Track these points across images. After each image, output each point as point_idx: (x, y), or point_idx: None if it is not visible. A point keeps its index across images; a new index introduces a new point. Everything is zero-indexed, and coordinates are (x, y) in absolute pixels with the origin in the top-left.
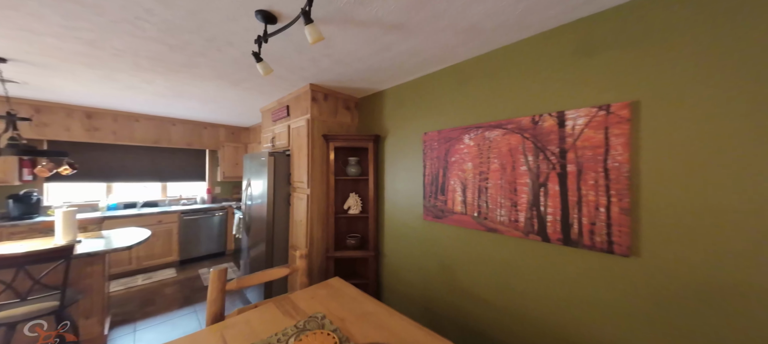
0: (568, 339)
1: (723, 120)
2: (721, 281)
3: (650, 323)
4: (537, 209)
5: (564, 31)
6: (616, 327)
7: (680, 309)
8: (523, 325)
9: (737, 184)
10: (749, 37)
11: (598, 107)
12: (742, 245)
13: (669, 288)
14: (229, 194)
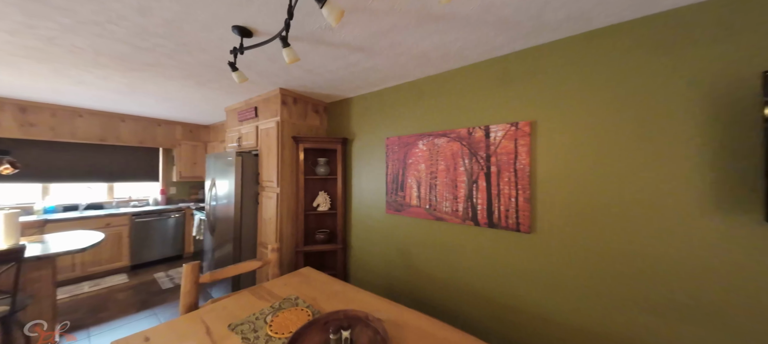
0: (493, 296)
1: (590, 138)
2: (586, 246)
3: (544, 278)
4: (471, 200)
5: (491, 63)
6: (524, 283)
7: (562, 266)
8: (462, 292)
9: (597, 181)
10: (612, 79)
11: (511, 123)
12: (600, 221)
13: (554, 253)
14: (185, 194)
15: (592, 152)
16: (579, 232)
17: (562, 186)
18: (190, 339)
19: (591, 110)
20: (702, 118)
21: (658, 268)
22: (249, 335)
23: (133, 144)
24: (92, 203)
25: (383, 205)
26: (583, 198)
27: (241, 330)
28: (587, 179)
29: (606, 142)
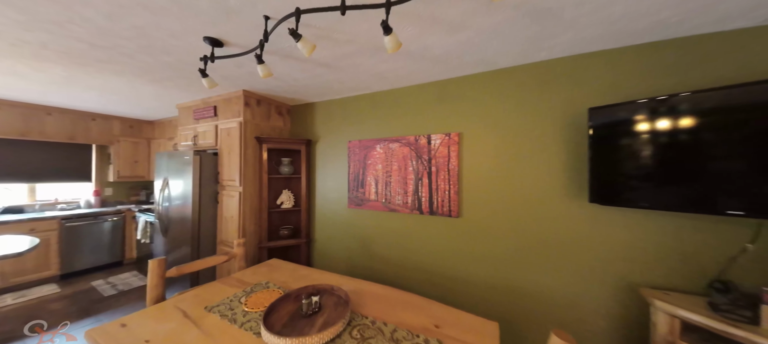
0: (433, 268)
1: (500, 146)
2: (498, 225)
3: (467, 251)
4: (417, 194)
5: (432, 86)
6: (454, 255)
7: (481, 241)
8: (409, 268)
9: (505, 178)
10: (514, 105)
11: (445, 133)
12: (507, 207)
13: (475, 231)
14: (124, 196)
15: (502, 156)
16: (493, 215)
17: (481, 182)
18: (168, 322)
19: (501, 126)
20: (563, 136)
21: (543, 237)
22: (226, 313)
23: (61, 140)
24: (9, 207)
25: (345, 201)
26: (496, 190)
27: (217, 310)
28: (498, 176)
29: (511, 149)
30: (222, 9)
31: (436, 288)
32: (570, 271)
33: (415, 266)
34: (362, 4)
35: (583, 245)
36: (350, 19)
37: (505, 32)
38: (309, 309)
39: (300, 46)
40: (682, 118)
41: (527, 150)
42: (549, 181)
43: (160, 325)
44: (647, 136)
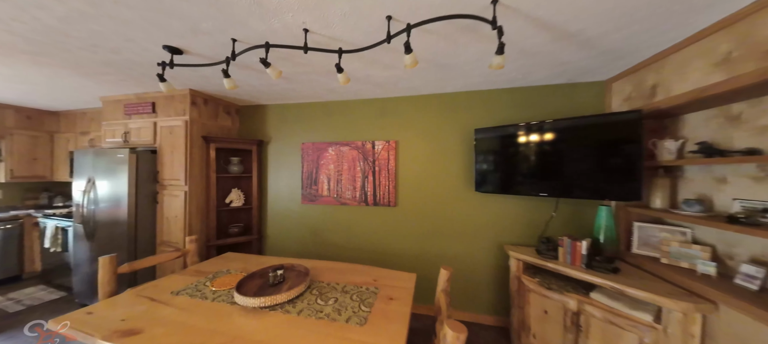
0: (375, 247)
1: (424, 152)
2: (423, 211)
3: (401, 231)
4: (364, 189)
5: (376, 101)
6: (391, 237)
7: (411, 223)
8: (358, 251)
9: (428, 175)
10: (433, 121)
11: (386, 141)
12: (429, 197)
13: (407, 216)
14: (18, 200)
15: (426, 160)
16: (419, 203)
17: (412, 179)
18: (138, 306)
19: (425, 137)
20: (462, 146)
21: (450, 217)
22: (194, 294)
23: None
24: None
25: (299, 197)
26: (422, 185)
27: (185, 293)
28: (424, 174)
29: (432, 154)
30: (192, 29)
31: (377, 263)
32: (465, 238)
33: (360, 247)
34: (320, 48)
35: (472, 220)
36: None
37: (422, 73)
38: (275, 280)
39: (269, 71)
40: (526, 137)
41: (441, 155)
42: (454, 177)
43: (131, 308)
44: (506, 148)
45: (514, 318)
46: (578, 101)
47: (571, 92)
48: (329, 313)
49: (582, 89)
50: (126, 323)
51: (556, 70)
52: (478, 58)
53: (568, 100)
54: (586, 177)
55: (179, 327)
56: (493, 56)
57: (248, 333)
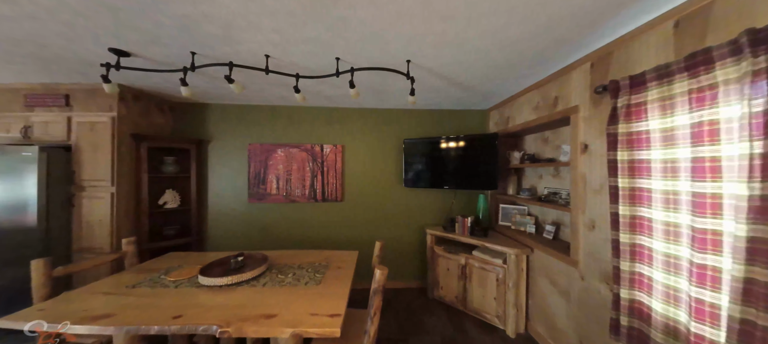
0: (323, 238)
1: (367, 155)
2: (365, 204)
3: (347, 222)
4: (313, 187)
5: (325, 110)
6: (338, 228)
7: (355, 215)
8: (306, 243)
9: (369, 174)
10: (374, 130)
11: (334, 145)
12: (371, 192)
13: (352, 209)
14: None
15: (368, 161)
16: (362, 198)
17: (356, 177)
18: (95, 300)
19: (368, 143)
20: (395, 151)
21: (386, 208)
22: (153, 285)
23: None
24: None
25: (245, 197)
26: (365, 182)
27: (143, 285)
28: (366, 173)
29: (372, 157)
30: (153, 40)
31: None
32: (397, 223)
33: (311, 239)
34: (280, 72)
35: (401, 209)
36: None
37: (364, 94)
38: (236, 265)
39: (233, 87)
40: (438, 146)
41: (380, 158)
42: (388, 176)
43: (86, 303)
44: (425, 154)
45: (429, 277)
46: (470, 123)
47: (466, 116)
48: (290, 282)
49: (472, 114)
50: (90, 312)
51: (455, 102)
52: (403, 91)
53: (465, 121)
54: (471, 175)
55: (150, 308)
56: (408, 96)
57: (221, 303)
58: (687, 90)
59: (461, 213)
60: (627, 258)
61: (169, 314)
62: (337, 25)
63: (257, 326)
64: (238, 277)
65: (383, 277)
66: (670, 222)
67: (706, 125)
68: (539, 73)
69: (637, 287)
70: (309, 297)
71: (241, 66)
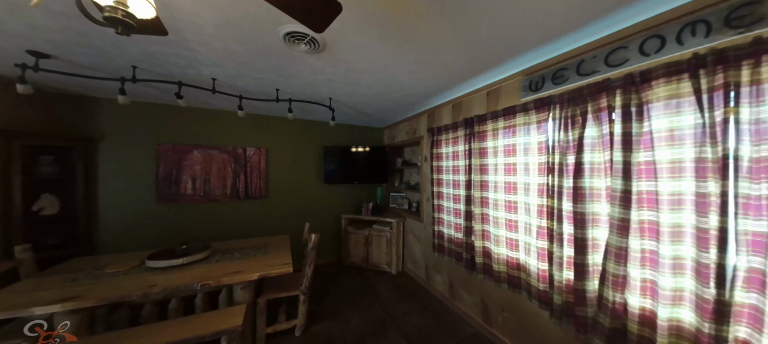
0: (249, 233)
1: (290, 158)
2: (289, 200)
3: (272, 216)
4: (235, 187)
5: (251, 117)
6: (265, 222)
7: (279, 210)
8: (233, 239)
9: (292, 174)
10: (298, 136)
11: (258, 148)
12: (293, 189)
13: (277, 205)
14: None
15: (291, 162)
16: (287, 194)
17: (281, 176)
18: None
19: (292, 147)
20: (316, 155)
21: (309, 201)
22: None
23: None
24: None
25: (153, 198)
26: (289, 181)
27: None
28: (290, 173)
29: (297, 159)
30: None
31: None
32: (319, 213)
33: (236, 234)
34: (225, 92)
35: (322, 201)
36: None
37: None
38: (182, 252)
39: (181, 102)
40: (350, 152)
41: (304, 160)
42: (312, 175)
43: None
44: (341, 158)
45: (343, 252)
46: (372, 136)
47: (369, 131)
48: (239, 257)
49: (373, 130)
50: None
51: (362, 121)
52: (325, 111)
53: (368, 135)
54: (372, 173)
55: (114, 288)
56: (330, 120)
57: (185, 277)
58: (453, 137)
59: (366, 201)
60: (431, 211)
61: (139, 289)
62: (286, 79)
63: (230, 277)
64: (190, 258)
65: (317, 238)
66: (452, 196)
67: (461, 155)
68: (409, 114)
69: (441, 225)
70: (260, 262)
71: (189, 85)
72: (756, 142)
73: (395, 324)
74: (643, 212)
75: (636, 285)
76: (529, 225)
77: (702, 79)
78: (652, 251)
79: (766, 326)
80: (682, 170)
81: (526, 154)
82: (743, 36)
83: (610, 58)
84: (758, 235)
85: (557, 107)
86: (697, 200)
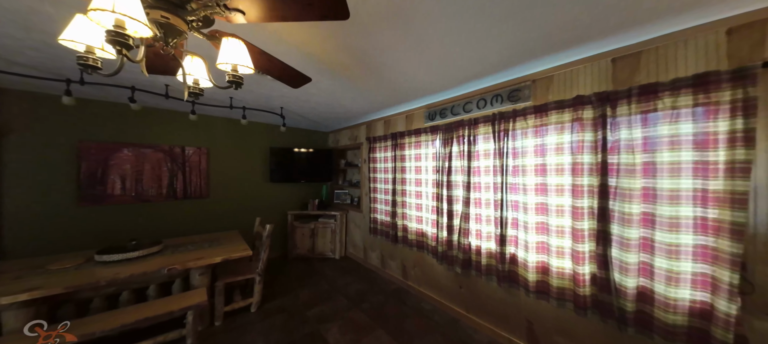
0: (189, 231)
1: (233, 157)
2: (232, 198)
3: (214, 214)
4: (173, 186)
5: (186, 115)
6: (204, 219)
7: (222, 207)
8: (169, 241)
9: (236, 173)
10: (242, 138)
11: (198, 147)
12: (237, 188)
13: (220, 204)
14: None
15: (235, 162)
16: (230, 192)
17: (223, 176)
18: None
19: (235, 147)
20: (262, 155)
21: (256, 199)
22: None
23: None
24: None
25: (73, 199)
26: (232, 180)
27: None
28: (234, 173)
29: (241, 159)
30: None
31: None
32: (266, 210)
33: (173, 233)
34: (178, 98)
35: (269, 199)
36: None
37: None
38: (133, 247)
39: (134, 107)
40: (295, 153)
41: (249, 160)
42: (258, 174)
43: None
44: (287, 158)
45: (289, 245)
46: (316, 139)
47: (315, 135)
48: (194, 249)
49: (318, 134)
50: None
51: (310, 125)
52: (273, 116)
53: (312, 138)
54: (318, 173)
55: (74, 277)
56: (281, 126)
57: (146, 265)
58: (384, 145)
59: (313, 198)
60: (368, 203)
61: (104, 277)
62: (242, 92)
63: (195, 261)
64: (146, 251)
65: (272, 228)
66: (388, 190)
67: (389, 159)
68: (351, 123)
69: (376, 213)
70: (219, 250)
71: (143, 90)
72: (514, 158)
73: (338, 292)
74: (478, 194)
75: (527, 244)
76: (427, 206)
77: (496, 124)
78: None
79: (614, 265)
80: (487, 171)
81: (425, 160)
82: (514, 105)
83: (466, 107)
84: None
85: (441, 131)
86: (493, 196)
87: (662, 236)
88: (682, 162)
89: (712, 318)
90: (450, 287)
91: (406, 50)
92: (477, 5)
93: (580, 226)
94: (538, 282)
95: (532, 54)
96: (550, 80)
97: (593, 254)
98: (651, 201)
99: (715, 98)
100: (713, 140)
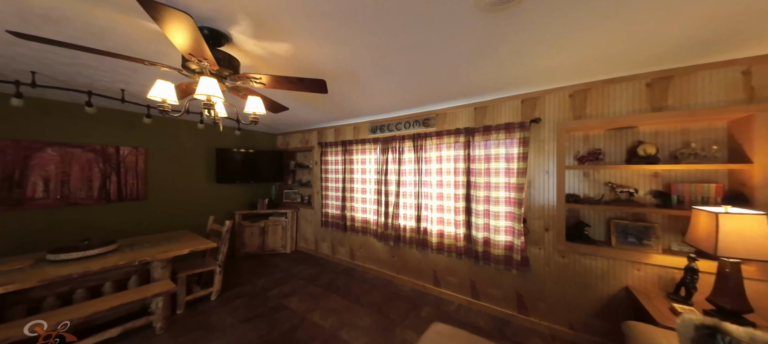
0: (126, 233)
1: (175, 158)
2: (172, 198)
3: (155, 216)
4: (105, 188)
5: (121, 113)
6: (145, 223)
7: (163, 210)
8: None
9: (176, 174)
10: (184, 140)
11: (134, 147)
12: (181, 190)
13: (158, 207)
14: None
15: (176, 164)
16: (171, 194)
17: (163, 177)
18: None
19: (177, 149)
20: (208, 156)
21: (200, 200)
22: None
23: None
24: None
25: None
26: (174, 181)
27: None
28: (175, 174)
29: (183, 160)
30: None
31: None
32: (212, 210)
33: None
34: (135, 102)
35: (215, 200)
36: None
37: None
38: (86, 247)
39: (89, 110)
40: (243, 154)
41: (193, 161)
42: (202, 175)
43: None
44: (233, 160)
45: (237, 244)
46: (262, 141)
47: (266, 136)
48: (150, 247)
49: (268, 135)
50: None
51: (265, 129)
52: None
53: (262, 138)
54: (267, 174)
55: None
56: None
57: (111, 260)
58: (335, 150)
59: (262, 197)
60: (320, 200)
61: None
62: None
63: (163, 254)
64: (105, 248)
65: (230, 223)
66: (338, 188)
67: (340, 162)
68: (303, 128)
69: (327, 208)
70: (182, 244)
71: (100, 95)
72: (425, 164)
73: (293, 277)
74: (405, 189)
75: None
76: (370, 199)
77: (416, 141)
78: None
79: (473, 227)
80: (410, 173)
81: (369, 163)
82: (426, 129)
83: (397, 126)
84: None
85: (380, 142)
86: (415, 188)
87: (494, 208)
88: (501, 168)
89: (513, 248)
90: (386, 258)
91: (356, 92)
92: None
93: (457, 206)
94: (437, 244)
95: (432, 99)
96: (444, 115)
97: (464, 222)
98: (488, 189)
99: (513, 135)
100: (512, 156)
